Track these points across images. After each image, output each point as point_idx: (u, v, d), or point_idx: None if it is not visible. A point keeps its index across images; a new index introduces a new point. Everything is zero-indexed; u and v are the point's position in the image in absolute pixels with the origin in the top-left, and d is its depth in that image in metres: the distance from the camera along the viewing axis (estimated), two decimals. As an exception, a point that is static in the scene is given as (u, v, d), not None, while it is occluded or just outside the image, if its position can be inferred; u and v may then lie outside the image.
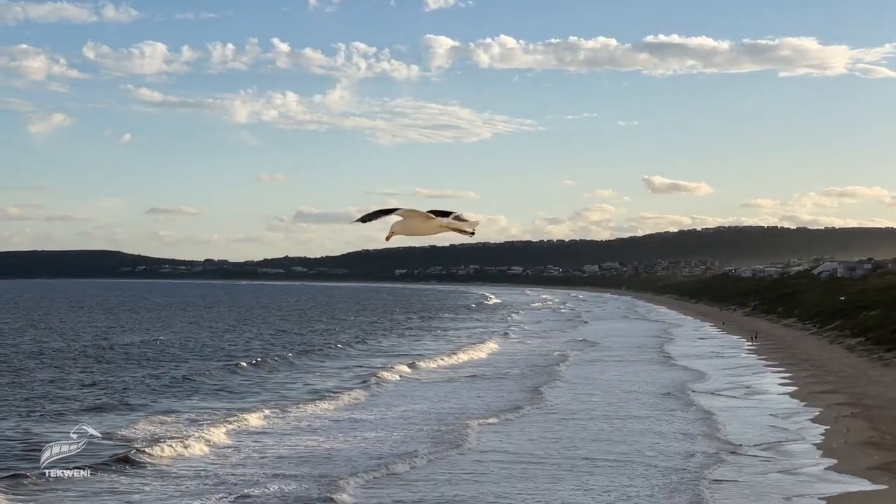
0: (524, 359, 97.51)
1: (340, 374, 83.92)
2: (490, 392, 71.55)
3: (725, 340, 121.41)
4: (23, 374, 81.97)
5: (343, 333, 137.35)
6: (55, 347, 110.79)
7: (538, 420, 58.25)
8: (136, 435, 52.16)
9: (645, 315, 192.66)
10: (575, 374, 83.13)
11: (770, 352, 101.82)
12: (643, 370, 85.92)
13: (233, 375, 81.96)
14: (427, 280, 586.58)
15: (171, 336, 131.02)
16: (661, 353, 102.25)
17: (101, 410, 61.86)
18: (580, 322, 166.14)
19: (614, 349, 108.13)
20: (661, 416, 59.32)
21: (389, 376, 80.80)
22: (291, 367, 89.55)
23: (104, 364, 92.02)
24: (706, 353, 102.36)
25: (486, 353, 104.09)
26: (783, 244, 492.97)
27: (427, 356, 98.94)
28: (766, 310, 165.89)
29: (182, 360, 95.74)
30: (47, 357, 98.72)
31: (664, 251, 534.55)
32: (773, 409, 61.92)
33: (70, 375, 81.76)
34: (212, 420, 57.08)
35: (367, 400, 67.69)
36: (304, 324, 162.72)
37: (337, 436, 52.75)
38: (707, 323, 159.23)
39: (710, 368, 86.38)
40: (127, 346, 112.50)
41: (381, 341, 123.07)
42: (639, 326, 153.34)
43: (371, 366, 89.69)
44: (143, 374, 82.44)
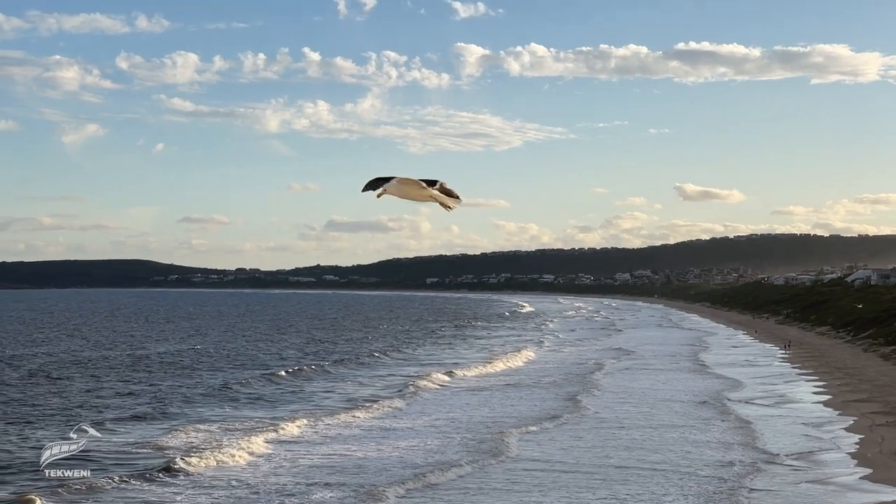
0: (560, 367, 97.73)
1: (377, 382, 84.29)
2: (527, 400, 71.84)
3: (758, 349, 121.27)
4: (59, 383, 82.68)
5: (377, 342, 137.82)
6: (91, 356, 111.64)
7: (576, 429, 58.45)
8: (174, 444, 52.60)
9: (678, 323, 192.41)
10: (611, 382, 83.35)
11: (803, 360, 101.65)
12: (679, 378, 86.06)
13: (270, 384, 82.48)
14: (458, 288, 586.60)
15: (207, 345, 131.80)
16: (695, 362, 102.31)
17: (138, 419, 62.36)
18: (614, 330, 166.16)
19: (649, 357, 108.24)
20: (698, 424, 59.43)
21: (427, 384, 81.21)
22: (328, 376, 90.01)
23: (141, 373, 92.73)
24: (740, 362, 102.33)
25: (522, 362, 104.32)
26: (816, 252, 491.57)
27: (463, 364, 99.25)
28: (799, 318, 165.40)
29: (218, 369, 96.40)
30: (83, 366, 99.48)
31: (696, 259, 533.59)
32: (807, 417, 61.86)
33: (107, 384, 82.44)
34: (250, 429, 57.53)
35: (405, 408, 67.96)
36: (337, 332, 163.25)
37: (376, 445, 53.09)
38: (740, 331, 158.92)
39: (745, 377, 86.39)
40: (163, 355, 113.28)
41: (416, 350, 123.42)
42: (673, 335, 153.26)
43: (407, 374, 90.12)
44: (180, 383, 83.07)
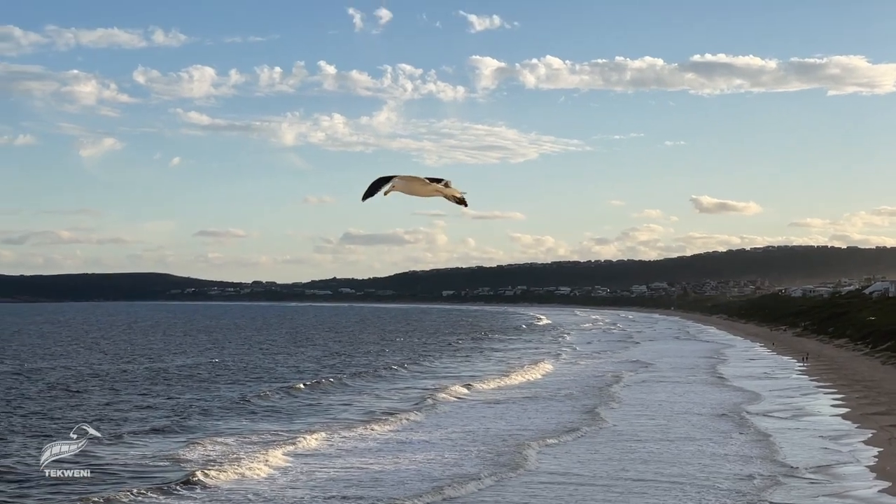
0: (578, 380, 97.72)
1: (395, 395, 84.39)
2: (546, 413, 71.85)
3: (776, 361, 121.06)
4: (78, 396, 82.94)
5: (395, 355, 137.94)
6: (109, 369, 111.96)
7: (595, 441, 58.44)
8: (193, 457, 52.74)
9: (696, 335, 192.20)
10: (629, 395, 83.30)
11: (821, 373, 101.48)
12: (697, 391, 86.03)
13: (288, 397, 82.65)
14: (474, 301, 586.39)
15: (225, 357, 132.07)
16: (713, 374, 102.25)
17: (157, 432, 62.55)
18: (632, 343, 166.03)
19: (667, 370, 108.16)
20: (717, 437, 59.38)
21: (445, 397, 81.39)
22: (346, 389, 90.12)
23: (159, 385, 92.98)
24: (757, 374, 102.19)
25: (540, 374, 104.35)
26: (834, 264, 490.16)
27: (482, 377, 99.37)
28: (816, 330, 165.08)
29: (236, 382, 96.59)
30: (102, 379, 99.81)
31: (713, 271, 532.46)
32: (826, 430, 61.74)
33: (125, 397, 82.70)
34: (268, 442, 57.69)
35: (423, 421, 68.06)
36: (355, 345, 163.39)
37: (393, 457, 53.19)
38: (757, 343, 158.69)
39: (763, 389, 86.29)
40: (181, 368, 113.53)
41: (434, 362, 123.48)
42: (690, 347, 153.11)
43: (426, 387, 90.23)
44: (198, 396, 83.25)
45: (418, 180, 20.91)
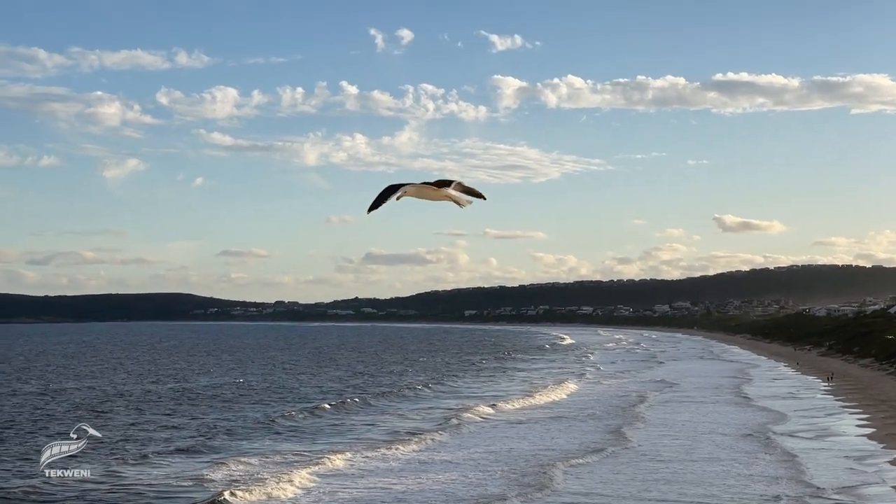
0: (603, 399, 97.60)
1: (421, 415, 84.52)
2: (571, 433, 71.80)
3: (801, 381, 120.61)
4: (104, 417, 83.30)
5: (419, 374, 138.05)
6: (133, 389, 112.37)
7: (621, 462, 58.34)
8: (219, 477, 52.96)
9: (719, 355, 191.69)
10: (655, 415, 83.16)
11: (846, 393, 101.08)
12: (722, 411, 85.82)
13: (312, 417, 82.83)
14: (496, 321, 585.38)
15: (250, 377, 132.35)
16: (738, 394, 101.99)
17: (182, 452, 62.83)
18: (656, 362, 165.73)
19: (692, 390, 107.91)
20: (743, 457, 59.22)
21: (471, 417, 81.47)
22: (371, 409, 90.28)
23: (184, 406, 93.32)
24: (782, 394, 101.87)
25: (565, 394, 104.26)
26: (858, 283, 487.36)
27: (507, 397, 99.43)
28: (841, 350, 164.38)
29: (261, 402, 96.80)
30: (127, 399, 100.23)
31: (736, 290, 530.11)
32: (851, 451, 61.52)
33: (151, 417, 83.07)
34: (294, 462, 57.89)
35: (449, 441, 68.14)
36: (378, 365, 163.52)
37: (420, 478, 53.23)
38: (781, 363, 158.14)
39: (788, 409, 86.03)
40: (205, 388, 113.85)
41: (458, 382, 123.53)
42: (715, 367, 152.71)
43: (451, 407, 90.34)
44: (224, 416, 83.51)
45: (429, 187, 21.34)
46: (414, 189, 21.16)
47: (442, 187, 21.47)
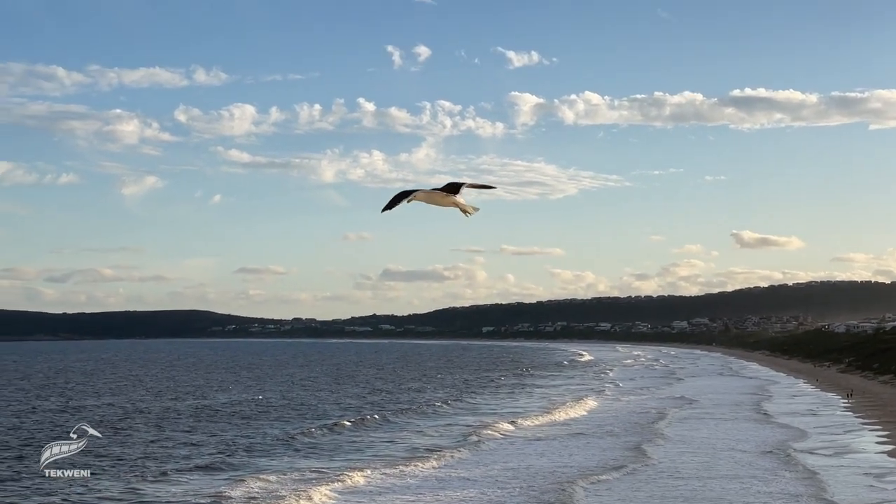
0: (623, 416, 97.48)
1: (441, 432, 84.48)
2: (592, 450, 71.70)
3: (820, 398, 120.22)
4: (123, 433, 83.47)
5: (438, 391, 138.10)
6: (152, 406, 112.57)
7: (641, 479, 58.19)
8: (238, 494, 52.98)
9: (738, 372, 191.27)
10: (675, 432, 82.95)
11: (866, 409, 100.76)
12: (742, 428, 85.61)
13: (333, 434, 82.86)
14: (514, 337, 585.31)
15: (269, 394, 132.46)
16: (758, 411, 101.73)
17: (203, 469, 62.93)
18: (675, 379, 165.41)
19: (712, 406, 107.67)
20: (764, 475, 59.03)
21: (490, 434, 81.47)
22: (390, 426, 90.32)
23: (203, 422, 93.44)
24: (801, 411, 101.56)
25: (585, 411, 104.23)
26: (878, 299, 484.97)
27: (526, 414, 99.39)
28: (861, 366, 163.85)
29: (281, 419, 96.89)
30: (146, 416, 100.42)
31: (754, 307, 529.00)
32: (871, 468, 61.29)
33: (170, 434, 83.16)
34: (314, 479, 57.92)
35: (469, 458, 68.11)
36: (397, 381, 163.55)
37: (438, 495, 53.26)
38: (801, 380, 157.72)
39: (807, 426, 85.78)
40: (224, 405, 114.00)
41: (477, 399, 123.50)
42: (734, 383, 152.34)
43: (470, 423, 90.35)
44: (243, 433, 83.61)
45: (438, 194, 22.03)
46: (424, 195, 21.82)
47: (452, 192, 22.15)
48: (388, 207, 21.22)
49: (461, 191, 22.14)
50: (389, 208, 21.22)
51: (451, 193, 22.03)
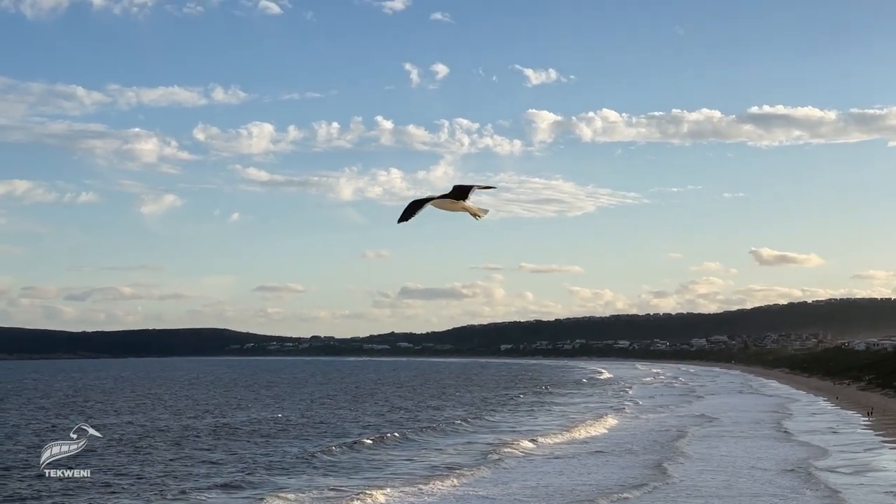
0: (643, 434, 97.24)
1: (461, 450, 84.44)
2: (613, 468, 71.57)
3: (840, 416, 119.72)
4: (143, 452, 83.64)
5: (458, 409, 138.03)
6: (172, 425, 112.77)
7: (663, 497, 58.16)
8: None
9: (758, 389, 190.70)
10: (695, 450, 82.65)
11: (887, 427, 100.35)
12: (763, 446, 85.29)
13: (353, 452, 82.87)
14: (533, 355, 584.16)
15: (289, 413, 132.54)
16: (778, 429, 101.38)
17: (223, 488, 63.04)
18: (695, 397, 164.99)
19: (732, 424, 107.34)
20: (786, 493, 58.86)
21: (510, 452, 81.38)
22: (412, 444, 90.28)
23: (222, 441, 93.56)
24: (822, 429, 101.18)
25: (606, 429, 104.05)
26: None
27: (546, 432, 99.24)
28: (881, 384, 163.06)
29: (301, 437, 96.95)
30: (166, 434, 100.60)
31: (774, 324, 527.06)
32: (892, 486, 61.02)
33: (190, 452, 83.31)
34: (335, 497, 57.98)
35: (488, 476, 68.07)
36: (416, 399, 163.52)
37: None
38: (821, 397, 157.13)
39: (828, 444, 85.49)
40: (245, 423, 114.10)
41: (496, 417, 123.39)
42: (754, 401, 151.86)
43: (491, 441, 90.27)
44: (263, 451, 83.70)
45: (448, 200, 22.82)
46: (437, 202, 22.62)
47: (461, 196, 22.89)
48: (404, 219, 21.66)
49: (471, 194, 22.69)
50: (405, 219, 21.66)
51: (461, 197, 22.62)
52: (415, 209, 21.79)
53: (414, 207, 21.82)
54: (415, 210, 21.81)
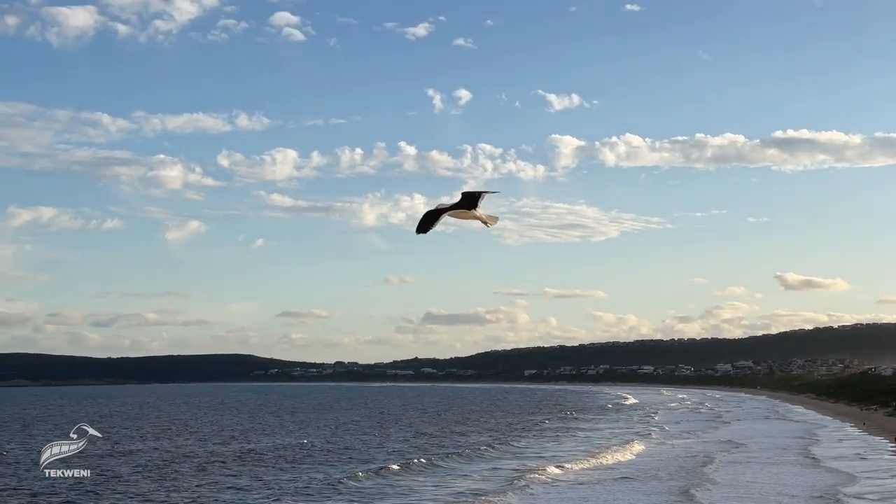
0: (671, 460, 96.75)
1: (487, 476, 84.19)
2: (641, 494, 71.17)
3: (867, 442, 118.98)
4: (170, 478, 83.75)
5: (483, 434, 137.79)
6: (197, 450, 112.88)
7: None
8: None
9: (784, 415, 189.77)
10: (723, 476, 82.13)
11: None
12: (791, 472, 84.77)
13: (379, 478, 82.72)
14: (557, 380, 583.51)
15: (314, 438, 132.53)
16: (806, 455, 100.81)
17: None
18: (721, 422, 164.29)
19: (760, 450, 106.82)
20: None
21: (537, 477, 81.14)
22: (438, 470, 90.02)
23: (249, 467, 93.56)
24: (849, 455, 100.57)
25: (633, 454, 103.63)
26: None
27: (572, 457, 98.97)
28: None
29: (327, 463, 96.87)
30: (192, 459, 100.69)
31: (799, 349, 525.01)
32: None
33: (216, 478, 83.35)
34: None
35: (516, 502, 67.96)
36: (441, 425, 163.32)
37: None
38: (847, 423, 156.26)
39: (855, 470, 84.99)
40: (270, 449, 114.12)
41: (522, 442, 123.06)
42: (781, 427, 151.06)
43: (516, 467, 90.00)
44: (290, 477, 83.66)
45: (461, 212, 23.69)
46: (450, 213, 23.45)
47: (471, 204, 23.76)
48: (423, 230, 21.99)
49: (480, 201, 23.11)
50: (424, 231, 22.00)
51: (471, 206, 23.07)
52: (432, 220, 22.11)
53: (431, 218, 22.12)
54: (433, 221, 22.13)
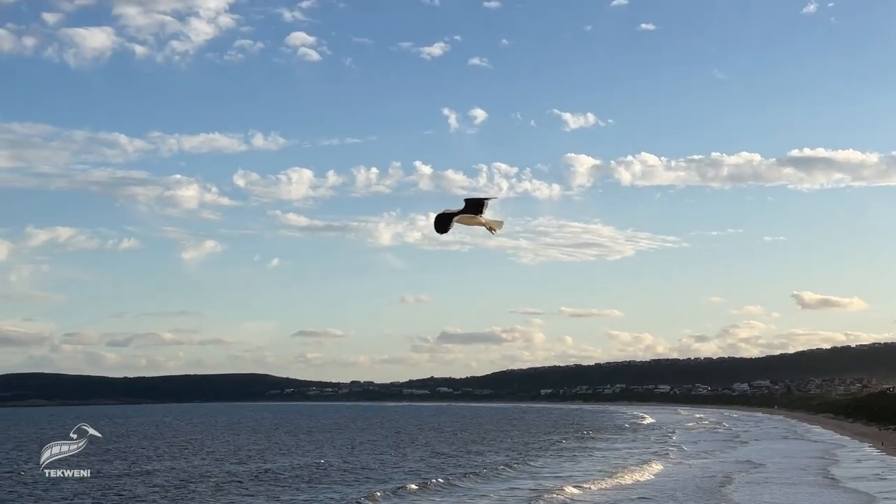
0: (688, 480, 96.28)
1: (505, 496, 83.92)
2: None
3: (886, 462, 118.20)
4: (186, 498, 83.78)
5: (500, 454, 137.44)
6: (213, 470, 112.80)
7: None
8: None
9: (803, 435, 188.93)
10: (742, 496, 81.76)
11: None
12: (810, 492, 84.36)
13: (397, 498, 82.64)
14: (573, 400, 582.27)
15: (331, 458, 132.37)
16: (825, 475, 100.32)
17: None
18: (739, 442, 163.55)
19: (778, 470, 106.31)
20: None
21: (555, 497, 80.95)
22: (456, 490, 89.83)
23: (267, 486, 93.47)
24: (868, 476, 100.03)
25: (651, 475, 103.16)
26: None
27: (589, 477, 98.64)
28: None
29: (344, 483, 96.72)
30: (209, 479, 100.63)
31: (817, 369, 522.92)
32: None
33: (233, 499, 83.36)
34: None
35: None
36: (458, 445, 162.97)
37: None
38: (866, 443, 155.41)
39: (874, 491, 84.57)
40: (287, 469, 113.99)
41: (539, 462, 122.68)
42: (799, 447, 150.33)
43: (534, 487, 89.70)
44: (307, 498, 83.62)
45: (468, 217, 25.13)
46: (459, 219, 24.80)
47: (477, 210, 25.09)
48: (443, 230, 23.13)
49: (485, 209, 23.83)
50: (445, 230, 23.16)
51: (477, 211, 23.99)
52: (447, 221, 23.09)
53: (445, 220, 23.08)
54: (447, 223, 23.14)
